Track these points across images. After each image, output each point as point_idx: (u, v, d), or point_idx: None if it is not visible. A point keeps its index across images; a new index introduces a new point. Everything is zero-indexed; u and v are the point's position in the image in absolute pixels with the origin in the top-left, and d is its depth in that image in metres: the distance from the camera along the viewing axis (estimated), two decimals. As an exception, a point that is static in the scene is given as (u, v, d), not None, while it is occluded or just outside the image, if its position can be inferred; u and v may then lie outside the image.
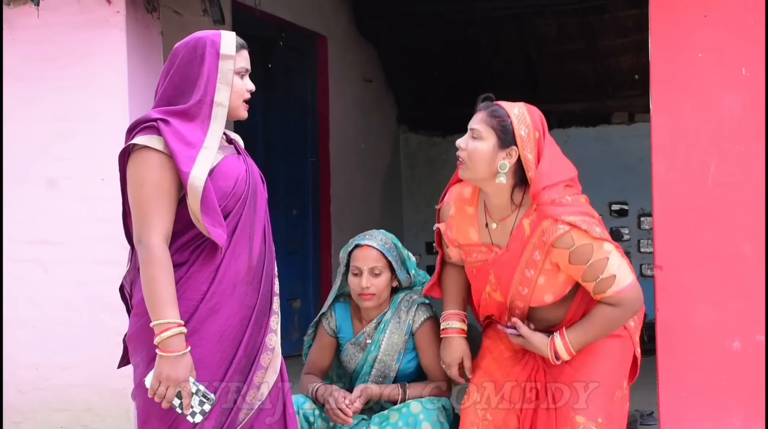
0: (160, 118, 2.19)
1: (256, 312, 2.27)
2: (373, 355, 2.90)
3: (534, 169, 2.45)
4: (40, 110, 3.89)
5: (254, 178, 2.32)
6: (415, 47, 7.29)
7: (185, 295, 2.19)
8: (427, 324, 2.88)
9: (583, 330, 2.50)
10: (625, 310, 2.48)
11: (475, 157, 2.46)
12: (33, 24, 3.87)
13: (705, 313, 3.05)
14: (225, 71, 2.25)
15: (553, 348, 2.50)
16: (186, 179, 2.14)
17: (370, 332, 2.92)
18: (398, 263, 2.89)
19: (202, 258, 2.21)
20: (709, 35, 3.03)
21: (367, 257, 2.84)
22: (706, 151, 3.04)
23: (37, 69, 3.89)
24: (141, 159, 2.18)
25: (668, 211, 3.09)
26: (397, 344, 2.88)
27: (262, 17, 5.02)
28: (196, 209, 2.14)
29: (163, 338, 2.12)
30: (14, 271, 3.91)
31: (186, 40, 2.29)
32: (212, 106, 2.23)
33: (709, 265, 3.05)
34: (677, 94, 3.08)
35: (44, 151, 3.87)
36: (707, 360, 3.05)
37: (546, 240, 2.44)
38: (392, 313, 2.91)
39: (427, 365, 2.90)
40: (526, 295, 2.53)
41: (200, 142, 2.19)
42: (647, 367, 2.83)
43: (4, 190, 3.94)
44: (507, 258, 2.53)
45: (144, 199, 2.16)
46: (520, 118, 2.46)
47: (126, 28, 3.76)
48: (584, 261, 2.43)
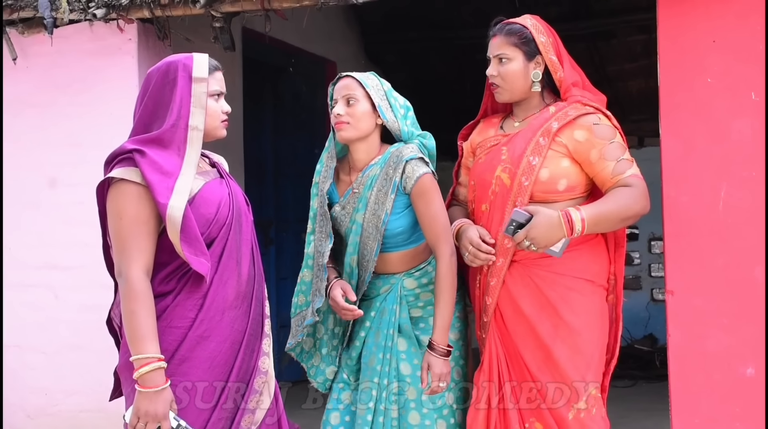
0: (136, 148, 2.18)
1: (247, 336, 2.26)
2: (361, 214, 2.69)
3: (561, 69, 2.64)
4: (53, 136, 3.93)
5: (238, 201, 2.31)
6: (424, 72, 7.33)
7: (173, 324, 2.18)
8: (421, 182, 2.61)
9: (595, 206, 2.53)
10: (639, 192, 2.54)
11: (510, 77, 2.62)
12: (46, 51, 3.92)
13: (717, 339, 3.02)
14: (198, 94, 2.23)
15: (568, 218, 2.46)
16: (164, 211, 2.13)
17: (356, 187, 2.71)
18: (380, 97, 2.68)
19: (188, 286, 2.19)
20: (717, 60, 3.04)
21: (343, 86, 2.67)
22: (716, 175, 3.03)
23: (50, 95, 3.94)
24: (119, 192, 2.17)
25: (679, 235, 3.07)
26: (383, 204, 2.64)
27: (272, 44, 5.05)
28: (176, 240, 2.13)
29: (141, 373, 2.11)
30: (25, 296, 3.93)
31: (158, 65, 2.29)
32: (187, 130, 2.21)
33: (721, 290, 3.03)
34: (687, 119, 3.08)
35: (56, 177, 3.90)
36: (720, 386, 3.02)
37: (568, 114, 2.56)
38: (380, 168, 2.67)
39: (425, 225, 2.64)
40: (527, 186, 2.54)
41: (177, 169, 2.18)
42: (660, 392, 2.81)
43: (16, 215, 3.97)
44: (523, 134, 2.61)
45: (124, 233, 2.15)
46: (535, 27, 2.63)
47: (138, 55, 3.80)
48: (608, 137, 2.56)
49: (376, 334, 2.72)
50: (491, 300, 2.62)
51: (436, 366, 2.58)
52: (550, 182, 2.56)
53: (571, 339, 2.54)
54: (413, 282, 2.73)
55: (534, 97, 2.66)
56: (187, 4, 3.59)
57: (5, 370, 3.94)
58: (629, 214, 2.53)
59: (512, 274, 2.59)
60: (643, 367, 6.29)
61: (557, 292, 2.56)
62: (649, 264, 7.37)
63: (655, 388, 5.61)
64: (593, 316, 2.60)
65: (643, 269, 7.38)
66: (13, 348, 3.94)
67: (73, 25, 3.85)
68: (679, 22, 3.09)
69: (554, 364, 2.54)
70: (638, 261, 7.45)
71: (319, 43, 6.08)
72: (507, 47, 2.61)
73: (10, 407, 3.94)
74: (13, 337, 3.94)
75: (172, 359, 2.17)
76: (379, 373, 2.68)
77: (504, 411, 2.59)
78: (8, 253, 3.97)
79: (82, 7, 3.74)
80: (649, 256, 7.37)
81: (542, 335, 2.54)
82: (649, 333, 7.00)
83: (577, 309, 2.56)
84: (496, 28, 2.67)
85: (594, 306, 2.60)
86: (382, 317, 2.72)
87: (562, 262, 2.56)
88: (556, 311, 2.55)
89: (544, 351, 2.55)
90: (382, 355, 2.70)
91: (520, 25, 2.63)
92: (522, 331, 2.58)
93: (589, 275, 2.60)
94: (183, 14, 3.70)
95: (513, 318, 2.59)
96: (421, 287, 2.73)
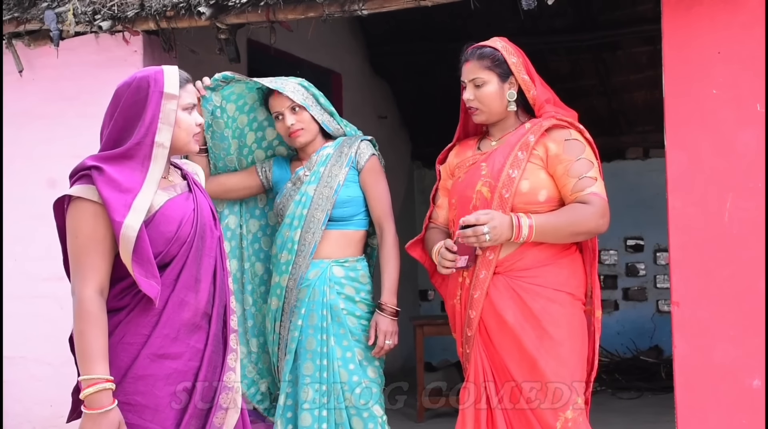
0: (94, 165, 2.14)
1: (208, 353, 2.20)
2: (312, 186, 2.95)
3: (533, 88, 2.71)
4: (60, 148, 3.94)
5: (203, 217, 2.25)
6: (429, 84, 7.34)
7: (125, 339, 2.13)
8: (372, 160, 3.00)
9: (547, 216, 2.59)
10: (594, 210, 2.57)
11: (487, 100, 2.69)
12: (53, 64, 3.93)
13: (724, 350, 3.01)
14: (167, 111, 2.19)
15: (517, 222, 2.56)
16: (118, 229, 2.08)
17: (309, 165, 2.99)
18: (314, 106, 2.98)
19: (143, 303, 2.14)
20: (722, 72, 3.04)
21: (281, 100, 2.96)
22: (721, 186, 3.03)
23: (56, 107, 3.95)
24: (76, 210, 2.14)
25: (685, 246, 3.07)
26: (336, 176, 2.95)
27: (277, 55, 5.07)
28: (128, 260, 2.08)
29: (86, 393, 2.06)
30: (32, 307, 3.93)
31: (128, 80, 2.24)
32: (152, 147, 2.17)
33: (727, 301, 3.02)
34: (692, 130, 3.08)
35: (63, 189, 3.90)
36: (727, 398, 3.01)
37: (542, 126, 2.63)
38: (334, 149, 3.00)
39: (373, 203, 2.99)
40: (507, 198, 2.60)
41: (138, 186, 2.14)
42: (665, 404, 2.80)
43: (23, 226, 3.98)
44: (501, 149, 2.68)
45: (79, 251, 2.12)
46: (505, 48, 2.71)
47: (143, 67, 3.79)
48: (576, 154, 2.61)
49: (311, 316, 2.92)
50: (475, 313, 2.65)
51: (383, 323, 2.89)
52: (530, 193, 2.61)
53: (555, 350, 2.57)
54: (341, 271, 2.95)
55: (510, 116, 2.73)
56: (193, 16, 3.61)
57: (11, 382, 3.95)
58: (580, 229, 2.58)
59: (496, 286, 2.63)
60: (648, 379, 6.26)
61: (539, 304, 2.60)
62: (655, 275, 7.36)
63: (661, 400, 5.59)
64: (574, 328, 2.64)
65: (648, 280, 7.37)
66: (18, 359, 3.95)
67: (79, 38, 3.87)
68: (685, 33, 3.09)
69: (541, 374, 2.56)
70: (644, 272, 7.43)
71: (324, 55, 6.10)
72: (481, 71, 2.68)
73: (16, 418, 3.94)
74: (19, 348, 3.95)
75: (125, 377, 2.13)
76: (319, 367, 2.88)
77: (493, 421, 2.61)
78: (15, 264, 3.98)
79: (88, 20, 3.76)
80: (654, 268, 7.35)
81: (527, 346, 2.57)
82: (655, 344, 6.97)
83: (559, 320, 2.60)
84: (468, 53, 2.73)
85: (574, 318, 2.65)
86: (314, 299, 2.92)
87: (543, 275, 2.61)
88: (539, 322, 2.58)
89: (529, 362, 2.58)
90: (318, 345, 2.90)
91: (491, 48, 2.70)
92: (507, 343, 2.61)
93: (569, 288, 2.64)
94: (188, 26, 3.72)
95: (497, 330, 2.62)
96: (347, 279, 2.95)
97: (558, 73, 7.02)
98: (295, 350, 2.93)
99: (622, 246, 7.45)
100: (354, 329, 2.93)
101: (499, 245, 2.60)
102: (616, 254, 7.53)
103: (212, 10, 3.57)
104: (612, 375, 6.41)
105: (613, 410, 5.36)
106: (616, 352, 6.97)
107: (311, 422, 2.85)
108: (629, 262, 7.47)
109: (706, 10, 3.06)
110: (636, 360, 6.81)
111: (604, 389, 6.10)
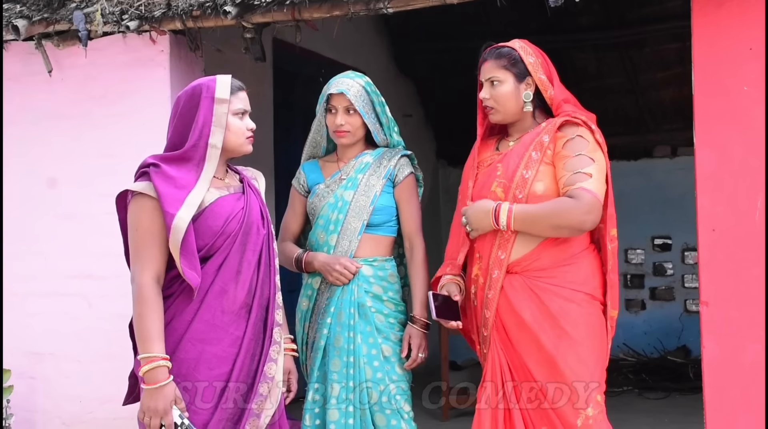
0: (153, 163, 2.37)
1: (246, 340, 2.38)
2: (350, 192, 2.98)
3: (551, 88, 2.71)
4: (87, 147, 3.97)
5: (251, 216, 2.45)
6: (454, 82, 7.32)
7: (172, 324, 2.34)
8: (410, 178, 3.06)
9: (529, 206, 2.60)
10: (579, 205, 2.54)
11: (502, 99, 2.70)
12: (81, 64, 3.97)
13: (754, 351, 2.97)
14: (219, 114, 2.40)
15: (497, 208, 2.59)
16: (171, 221, 2.29)
17: (347, 170, 3.03)
18: (370, 113, 3.02)
19: (187, 291, 2.35)
20: (754, 68, 3.00)
21: (341, 98, 3.00)
22: (752, 184, 2.99)
23: (84, 107, 3.99)
24: (136, 205, 2.36)
25: (714, 246, 3.03)
26: (374, 186, 2.98)
27: (303, 54, 5.08)
28: (176, 251, 2.30)
29: (145, 370, 2.27)
30: (60, 305, 3.97)
31: (186, 89, 2.47)
32: (207, 148, 2.39)
33: (757, 301, 2.98)
34: (722, 128, 3.04)
35: (91, 188, 3.94)
36: (758, 400, 2.97)
37: (555, 124, 2.62)
38: (373, 158, 3.03)
39: (405, 217, 3.04)
40: (521, 199, 2.61)
41: (192, 184, 2.35)
42: (693, 405, 2.78)
43: (51, 225, 4.02)
44: (516, 150, 2.69)
45: (138, 243, 2.34)
46: (523, 49, 2.72)
47: (170, 66, 3.84)
48: (576, 150, 2.60)
49: (339, 314, 2.94)
50: (490, 313, 2.67)
51: (416, 336, 2.92)
52: (546, 196, 2.61)
53: (574, 349, 2.58)
54: (370, 270, 2.97)
55: (527, 117, 2.74)
56: (219, 15, 3.62)
57: (40, 378, 3.99)
58: (562, 223, 2.56)
59: (513, 286, 2.64)
60: (676, 379, 6.21)
61: (557, 304, 2.60)
62: (683, 275, 7.28)
63: (689, 401, 5.53)
64: (593, 327, 2.63)
65: (676, 280, 7.29)
66: (48, 356, 3.99)
67: (107, 38, 3.89)
68: (715, 30, 3.05)
69: (560, 373, 2.57)
70: (671, 271, 7.36)
71: (349, 53, 6.10)
72: (497, 70, 2.70)
73: (45, 414, 3.99)
74: (49, 345, 3.99)
75: (172, 360, 2.31)
76: (346, 363, 2.90)
77: (511, 419, 2.62)
78: (44, 262, 4.02)
79: (115, 20, 3.79)
80: (682, 267, 7.28)
81: (546, 345, 2.58)
82: (683, 344, 6.90)
83: (577, 320, 2.60)
84: (487, 53, 2.75)
85: (592, 317, 2.64)
86: (343, 298, 2.94)
87: (561, 275, 2.61)
88: (557, 322, 2.59)
89: (549, 361, 2.58)
90: (345, 342, 2.91)
91: (509, 48, 2.72)
92: (525, 342, 2.61)
93: (587, 288, 2.64)
94: (214, 25, 3.73)
95: (515, 328, 2.63)
96: (376, 278, 2.97)
97: (585, 71, 6.97)
98: (323, 347, 2.96)
99: (649, 245, 7.38)
100: (381, 327, 2.95)
101: (511, 244, 2.62)
102: (643, 253, 7.46)
103: (238, 9, 3.58)
104: (639, 375, 6.36)
105: (639, 410, 5.32)
106: (642, 352, 6.92)
107: (338, 417, 2.89)
108: (656, 261, 7.39)
109: (737, 6, 3.02)
110: (663, 360, 6.75)
111: (631, 389, 6.06)
